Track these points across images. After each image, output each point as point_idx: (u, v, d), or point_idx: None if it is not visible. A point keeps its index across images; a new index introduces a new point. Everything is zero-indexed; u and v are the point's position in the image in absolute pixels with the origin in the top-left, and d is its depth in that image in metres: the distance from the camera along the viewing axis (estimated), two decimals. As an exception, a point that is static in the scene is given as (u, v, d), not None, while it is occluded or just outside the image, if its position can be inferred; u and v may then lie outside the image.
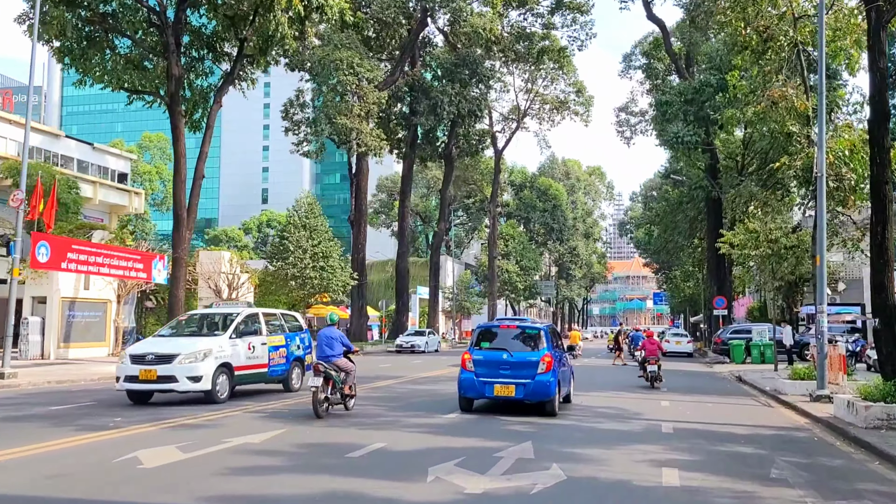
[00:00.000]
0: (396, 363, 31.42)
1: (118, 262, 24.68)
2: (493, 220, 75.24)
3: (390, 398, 15.95)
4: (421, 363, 31.54)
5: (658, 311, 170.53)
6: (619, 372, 28.45)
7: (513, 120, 72.97)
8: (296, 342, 17.00)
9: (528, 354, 13.15)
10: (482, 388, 13.15)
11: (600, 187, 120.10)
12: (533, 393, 12.89)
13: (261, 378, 15.81)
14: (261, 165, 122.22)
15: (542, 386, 12.84)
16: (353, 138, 40.41)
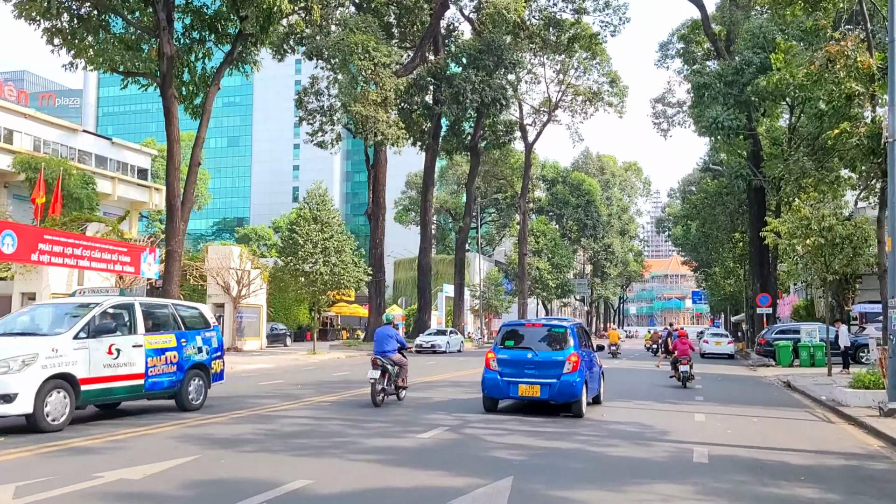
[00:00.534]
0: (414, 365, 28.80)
1: (100, 255, 22.55)
2: (524, 216, 72.37)
3: (364, 410, 13.34)
4: (433, 365, 28.93)
5: (697, 310, 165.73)
6: (654, 376, 25.52)
7: (544, 112, 70.08)
8: (195, 343, 12.76)
9: (554, 354, 12.72)
10: (506, 388, 12.73)
11: (637, 183, 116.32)
12: (559, 393, 12.45)
13: (131, 393, 11.47)
14: (291, 164, 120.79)
15: (567, 386, 12.41)
16: (369, 127, 38.03)
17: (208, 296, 37.40)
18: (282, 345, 43.81)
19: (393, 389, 14.47)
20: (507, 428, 11.05)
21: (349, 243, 35.43)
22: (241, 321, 37.92)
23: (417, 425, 11.13)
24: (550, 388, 12.45)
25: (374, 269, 41.92)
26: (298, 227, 34.55)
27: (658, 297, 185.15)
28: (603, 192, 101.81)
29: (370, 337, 41.50)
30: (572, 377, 12.44)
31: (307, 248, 33.54)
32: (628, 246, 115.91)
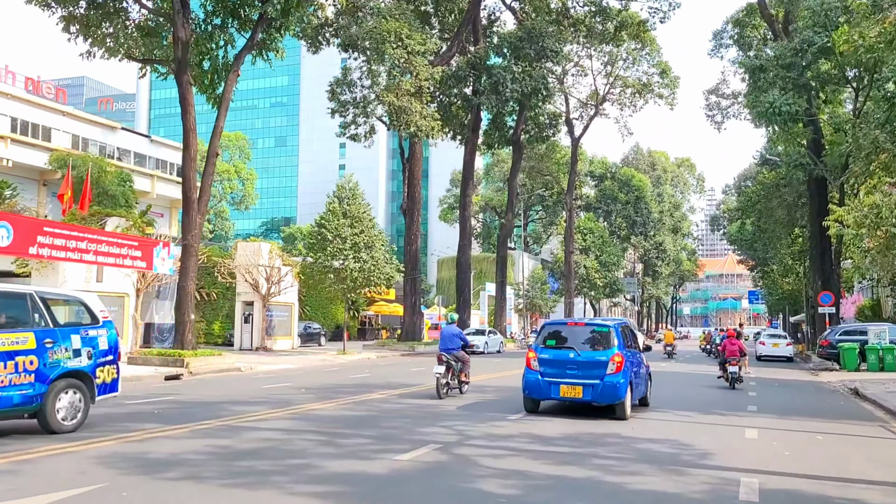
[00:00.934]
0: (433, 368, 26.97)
1: (107, 249, 21.30)
2: (570, 213, 69.97)
3: (350, 421, 11.52)
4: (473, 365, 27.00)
5: (754, 311, 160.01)
6: (704, 379, 23.19)
7: (591, 106, 67.62)
8: (69, 345, 9.68)
9: (597, 354, 12.31)
10: (548, 388, 12.42)
11: (690, 179, 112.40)
12: (601, 395, 12.06)
13: None
14: (337, 163, 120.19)
15: (611, 388, 12.01)
16: (402, 119, 36.30)
17: (237, 293, 36.20)
18: (316, 344, 42.44)
19: (456, 384, 15.77)
20: (509, 447, 9.12)
21: (381, 239, 33.77)
22: (270, 320, 36.61)
23: (404, 442, 9.27)
24: (593, 389, 12.04)
25: (409, 266, 40.21)
26: (327, 221, 33.03)
27: (713, 297, 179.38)
28: (654, 189, 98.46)
29: (406, 337, 39.87)
30: (616, 378, 12.00)
31: (336, 243, 31.99)
32: (681, 244, 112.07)
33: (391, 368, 25.75)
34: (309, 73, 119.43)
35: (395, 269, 33.99)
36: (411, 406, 13.29)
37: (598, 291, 73.67)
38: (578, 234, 74.18)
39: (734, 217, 59.64)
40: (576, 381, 12.18)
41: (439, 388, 14.85)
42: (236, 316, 36.23)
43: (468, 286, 46.42)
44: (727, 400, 16.60)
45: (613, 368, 12.05)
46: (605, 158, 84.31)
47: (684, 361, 36.51)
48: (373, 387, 17.24)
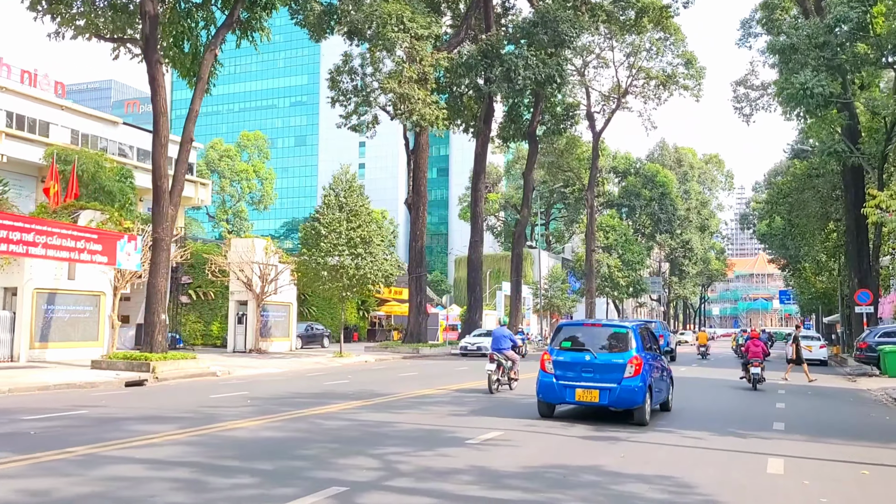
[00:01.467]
0: (426, 372, 24.64)
1: (59, 242, 19.25)
2: (591, 210, 67.17)
3: (257, 447, 9.13)
4: (463, 371, 24.64)
5: (786, 311, 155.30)
6: (727, 382, 20.56)
7: (613, 99, 64.79)
8: None
9: (614, 356, 11.82)
10: (562, 392, 11.93)
11: (718, 176, 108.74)
12: (619, 399, 11.57)
13: None
14: (357, 162, 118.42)
15: (629, 392, 11.52)
16: (404, 107, 34.01)
17: (231, 292, 34.14)
18: (319, 346, 40.29)
19: (506, 381, 17.10)
20: (440, 491, 6.67)
21: (378, 234, 31.45)
22: (266, 320, 34.49)
23: (300, 482, 6.88)
24: (610, 393, 11.51)
25: (415, 263, 37.86)
26: (322, 215, 30.80)
27: (743, 297, 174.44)
28: (680, 186, 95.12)
29: (411, 338, 37.51)
30: (634, 382, 11.47)
31: (331, 239, 29.73)
32: (709, 243, 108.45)
33: (379, 374, 23.42)
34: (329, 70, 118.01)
35: (394, 267, 31.66)
36: (358, 424, 10.89)
37: (621, 291, 70.69)
38: (600, 232, 71.31)
39: (764, 212, 56.37)
40: (592, 385, 11.63)
41: (490, 384, 16.30)
42: (229, 316, 34.17)
43: (480, 285, 43.94)
44: (751, 411, 14.07)
45: (631, 371, 11.48)
46: (629, 154, 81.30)
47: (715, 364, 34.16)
48: (336, 397, 14.89)
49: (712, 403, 15.85)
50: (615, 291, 71.18)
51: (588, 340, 12.22)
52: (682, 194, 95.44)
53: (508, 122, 51.83)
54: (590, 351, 11.93)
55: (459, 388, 17.90)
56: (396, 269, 31.72)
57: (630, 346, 11.82)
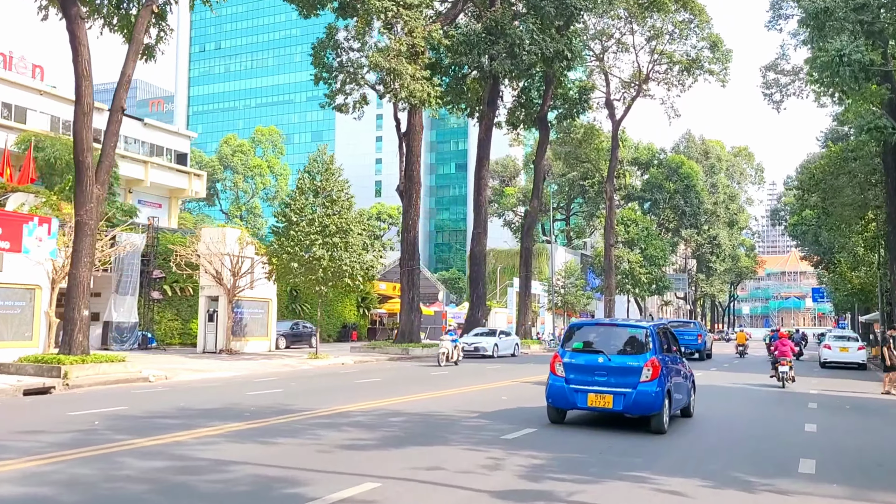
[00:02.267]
0: (393, 377, 21.21)
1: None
2: (610, 203, 63.23)
3: None
4: (440, 377, 21.15)
5: (819, 310, 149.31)
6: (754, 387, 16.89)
7: (634, 86, 60.85)
8: None
9: (630, 359, 10.91)
10: (573, 397, 10.99)
11: (748, 170, 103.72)
12: (634, 405, 10.62)
13: None
14: (374, 157, 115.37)
15: (645, 397, 10.58)
16: (392, 83, 30.60)
17: (201, 287, 30.99)
18: (307, 345, 37.02)
19: None
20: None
21: (358, 223, 28.06)
22: (240, 317, 31.30)
23: None
24: (625, 398, 10.72)
25: (407, 256, 34.42)
26: (293, 201, 27.52)
27: (774, 295, 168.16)
28: (707, 179, 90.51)
29: (402, 338, 34.08)
30: (651, 387, 10.69)
31: (302, 227, 26.42)
32: (738, 239, 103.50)
33: (334, 380, 20.05)
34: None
35: (376, 259, 28.22)
36: (175, 467, 7.46)
37: (643, 288, 66.59)
38: (620, 226, 67.33)
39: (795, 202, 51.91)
40: (605, 389, 10.85)
41: None
42: (199, 313, 31.02)
43: (483, 280, 40.40)
44: (773, 435, 10.43)
45: (648, 375, 10.68)
46: (652, 145, 77.05)
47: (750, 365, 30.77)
48: (225, 416, 11.47)
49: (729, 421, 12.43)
50: (636, 289, 67.12)
51: (602, 342, 11.36)
52: (708, 188, 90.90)
53: (518, 106, 48.24)
54: (603, 353, 11.08)
55: (408, 400, 14.44)
56: (376, 262, 28.24)
57: (647, 348, 10.99)
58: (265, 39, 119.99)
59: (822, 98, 45.73)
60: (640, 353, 10.98)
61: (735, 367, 31.12)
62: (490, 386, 18.68)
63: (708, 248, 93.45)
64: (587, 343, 11.43)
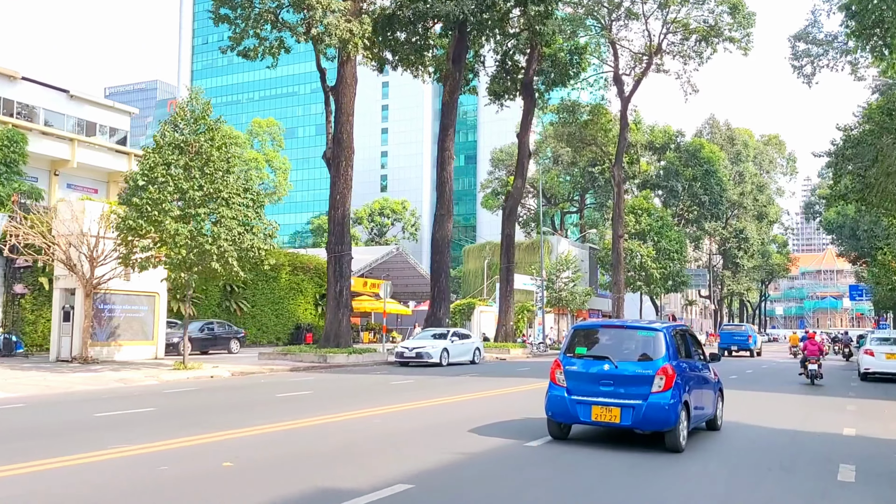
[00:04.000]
0: (194, 405, 13.97)
1: None
2: (618, 189, 55.51)
3: None
4: (304, 401, 14.02)
5: (857, 310, 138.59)
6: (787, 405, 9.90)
7: (645, 59, 53.35)
8: None
9: (640, 366, 9.23)
10: (574, 409, 9.37)
11: (778, 160, 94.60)
12: (645, 419, 8.99)
13: None
14: (379, 150, 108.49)
15: (657, 410, 8.93)
16: (304, 18, 23.58)
17: (55, 278, 24.17)
18: (225, 351, 30.10)
19: None
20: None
21: (238, 191, 20.96)
22: (110, 315, 24.43)
23: None
24: (634, 411, 8.98)
25: (334, 239, 27.23)
26: (144, 157, 20.58)
27: (809, 295, 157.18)
28: (733, 167, 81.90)
29: (326, 341, 26.89)
30: (664, 398, 8.93)
31: (150, 192, 19.45)
32: (768, 233, 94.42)
33: (69, 411, 12.94)
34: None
35: (261, 241, 21.06)
36: None
37: (656, 284, 58.52)
38: (631, 216, 59.41)
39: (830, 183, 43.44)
40: (612, 402, 9.12)
41: None
42: (54, 310, 24.21)
43: (445, 272, 33.06)
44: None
45: (661, 385, 8.96)
46: (668, 127, 68.73)
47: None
48: None
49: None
50: (648, 285, 59.07)
51: (608, 346, 9.68)
52: (734, 176, 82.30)
53: (501, 73, 40.97)
54: (609, 359, 9.35)
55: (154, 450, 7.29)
56: (262, 245, 21.02)
57: (659, 353, 9.24)
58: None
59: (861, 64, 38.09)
60: (651, 359, 9.29)
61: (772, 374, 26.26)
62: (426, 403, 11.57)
63: (734, 242, 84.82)
64: (592, 348, 9.84)
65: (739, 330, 45.32)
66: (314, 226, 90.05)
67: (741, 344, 42.35)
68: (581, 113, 57.60)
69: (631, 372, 9.25)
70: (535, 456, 8.86)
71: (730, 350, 42.77)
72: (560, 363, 9.72)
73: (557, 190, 75.79)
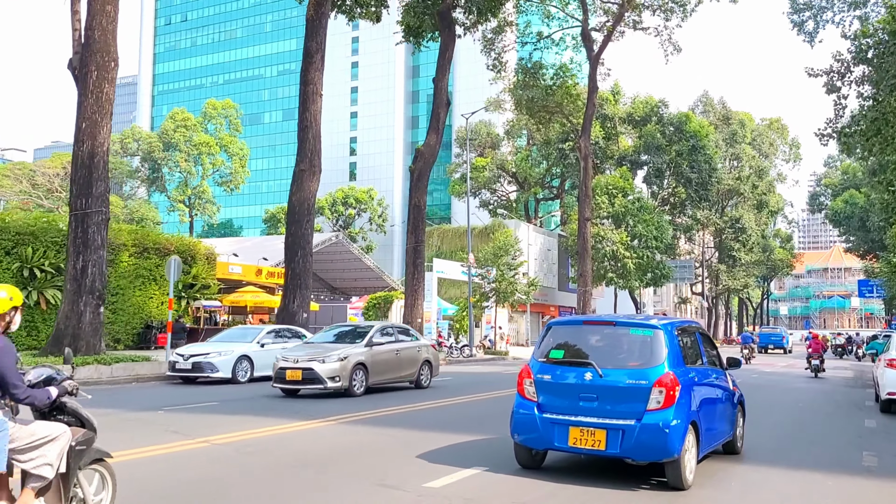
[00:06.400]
0: None
1: None
2: (585, 163, 46.15)
3: None
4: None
5: (866, 310, 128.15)
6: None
7: (615, 5, 44.27)
8: None
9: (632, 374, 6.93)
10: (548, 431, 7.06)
11: (781, 146, 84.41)
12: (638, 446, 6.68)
13: None
14: (348, 135, 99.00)
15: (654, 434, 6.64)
16: None
17: None
18: None
19: None
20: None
21: None
22: None
23: None
24: (624, 435, 6.71)
25: (78, 189, 17.61)
26: None
27: (815, 294, 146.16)
28: (728, 148, 71.97)
29: (58, 343, 17.26)
30: (664, 418, 6.66)
31: None
32: (768, 224, 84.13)
33: None
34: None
35: None
36: None
37: (631, 277, 48.68)
38: (603, 196, 49.70)
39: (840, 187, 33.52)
40: (595, 421, 6.83)
41: None
42: None
43: (304, 248, 23.51)
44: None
45: (660, 400, 6.68)
46: (651, 97, 58.81)
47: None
48: None
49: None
50: (623, 278, 49.21)
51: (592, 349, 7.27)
52: (729, 158, 72.41)
53: (418, 2, 31.42)
54: (592, 366, 6.99)
55: None
56: None
57: (658, 358, 6.91)
58: (234, 9, 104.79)
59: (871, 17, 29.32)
60: (647, 365, 6.92)
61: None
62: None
63: (730, 233, 74.82)
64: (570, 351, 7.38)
65: (776, 332, 55.22)
66: (268, 215, 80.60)
67: (777, 343, 51.34)
68: (543, 76, 48.19)
69: (620, 383, 6.92)
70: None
71: (767, 348, 50.30)
72: (530, 370, 7.43)
73: (529, 172, 66.05)
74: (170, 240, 32.28)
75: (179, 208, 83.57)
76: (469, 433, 9.60)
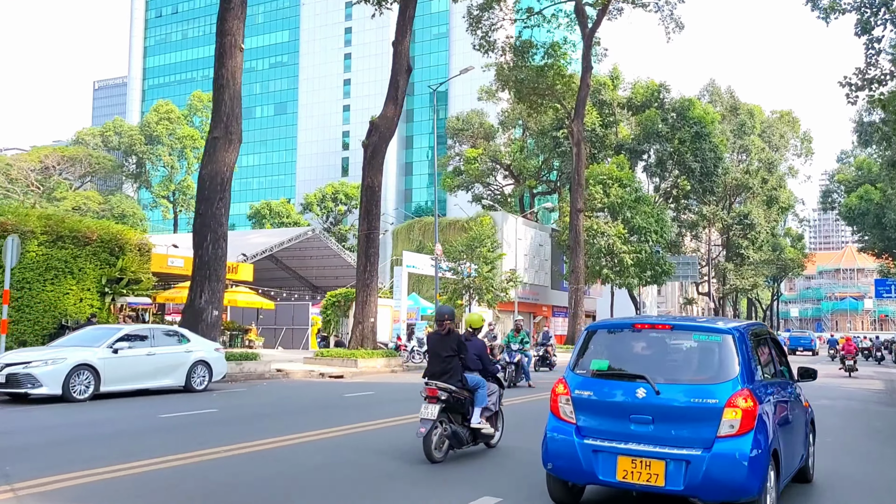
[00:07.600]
0: None
1: None
2: (578, 149, 42.04)
3: None
4: None
5: (881, 312, 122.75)
6: None
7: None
8: None
9: (698, 391, 5.45)
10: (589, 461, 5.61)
11: (792, 140, 79.33)
12: (707, 482, 5.20)
13: None
14: (340, 129, 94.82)
15: (728, 467, 5.18)
16: None
17: None
18: None
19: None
20: None
21: None
22: None
23: None
24: (689, 468, 5.24)
25: None
26: None
27: (827, 296, 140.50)
28: (735, 140, 67.21)
29: None
30: (740, 445, 5.21)
31: None
32: (778, 221, 79.17)
33: None
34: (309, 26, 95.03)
35: None
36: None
37: (628, 274, 44.03)
38: (598, 186, 45.13)
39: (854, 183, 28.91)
40: (650, 450, 5.38)
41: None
42: None
43: (216, 232, 19.25)
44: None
45: (735, 424, 5.22)
46: (652, 81, 54.16)
47: None
48: None
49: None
50: (620, 276, 44.55)
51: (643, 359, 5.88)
52: (737, 150, 67.68)
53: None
54: (646, 380, 5.52)
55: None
56: None
57: (730, 372, 5.45)
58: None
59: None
60: (715, 380, 5.44)
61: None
62: None
63: (738, 230, 70.03)
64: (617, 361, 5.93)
65: (805, 335, 58.10)
66: (252, 210, 76.48)
67: (806, 346, 53.30)
68: (533, 55, 43.96)
69: (683, 402, 5.39)
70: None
71: (795, 350, 51.05)
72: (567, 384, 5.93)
73: (524, 165, 61.58)
74: (91, 226, 27.81)
75: (163, 204, 79.67)
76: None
